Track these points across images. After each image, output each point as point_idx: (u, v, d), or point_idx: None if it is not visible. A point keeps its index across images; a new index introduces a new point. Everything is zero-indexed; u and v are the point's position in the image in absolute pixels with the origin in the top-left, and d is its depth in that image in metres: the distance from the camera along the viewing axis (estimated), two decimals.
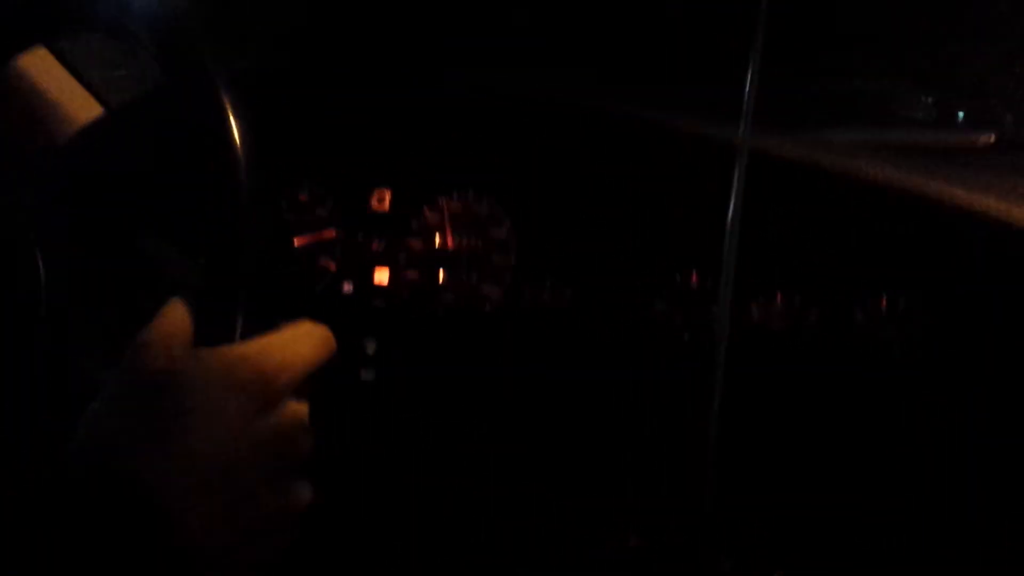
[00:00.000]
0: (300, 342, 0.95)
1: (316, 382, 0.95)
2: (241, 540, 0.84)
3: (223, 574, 0.82)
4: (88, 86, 1.65)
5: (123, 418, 0.84)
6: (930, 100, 1.83)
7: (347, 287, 1.80)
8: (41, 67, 1.59)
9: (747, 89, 1.33)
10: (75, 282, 1.34)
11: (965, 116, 1.87)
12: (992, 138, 1.73)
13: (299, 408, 0.93)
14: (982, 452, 1.45)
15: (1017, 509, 1.39)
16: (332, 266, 1.81)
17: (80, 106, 1.59)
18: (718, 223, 1.58)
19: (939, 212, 1.52)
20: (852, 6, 1.86)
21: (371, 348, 1.72)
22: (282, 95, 1.86)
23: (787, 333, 1.56)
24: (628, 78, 1.89)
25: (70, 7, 1.27)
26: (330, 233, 1.81)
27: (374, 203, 1.83)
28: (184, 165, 1.44)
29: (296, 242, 1.82)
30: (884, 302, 1.53)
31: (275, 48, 2.10)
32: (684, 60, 1.84)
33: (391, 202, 1.82)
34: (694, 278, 1.64)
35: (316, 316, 1.38)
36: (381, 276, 1.79)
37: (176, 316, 0.93)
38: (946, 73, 1.85)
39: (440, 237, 1.78)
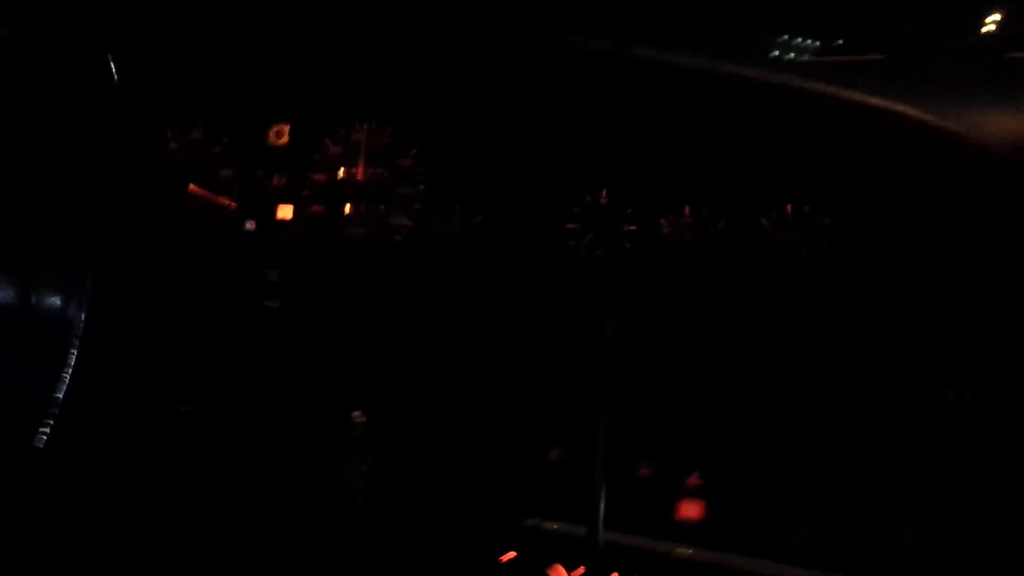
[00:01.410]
0: None
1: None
2: None
3: None
4: None
5: None
6: None
7: (249, 224, 1.73)
8: None
9: None
10: None
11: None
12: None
13: None
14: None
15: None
16: (232, 204, 1.74)
17: None
18: (626, 141, 1.59)
19: (836, 117, 1.55)
20: None
21: (274, 276, 1.66)
22: (177, 30, 1.78)
23: (696, 244, 1.57)
24: None
25: None
26: (227, 202, 1.74)
27: (272, 138, 1.76)
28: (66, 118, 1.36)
29: (191, 189, 1.74)
30: (789, 209, 1.55)
31: None
32: None
33: (290, 136, 1.76)
34: (603, 195, 1.63)
35: (219, 255, 1.33)
36: (284, 212, 1.73)
37: None
38: None
39: (344, 169, 1.72)
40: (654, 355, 1.57)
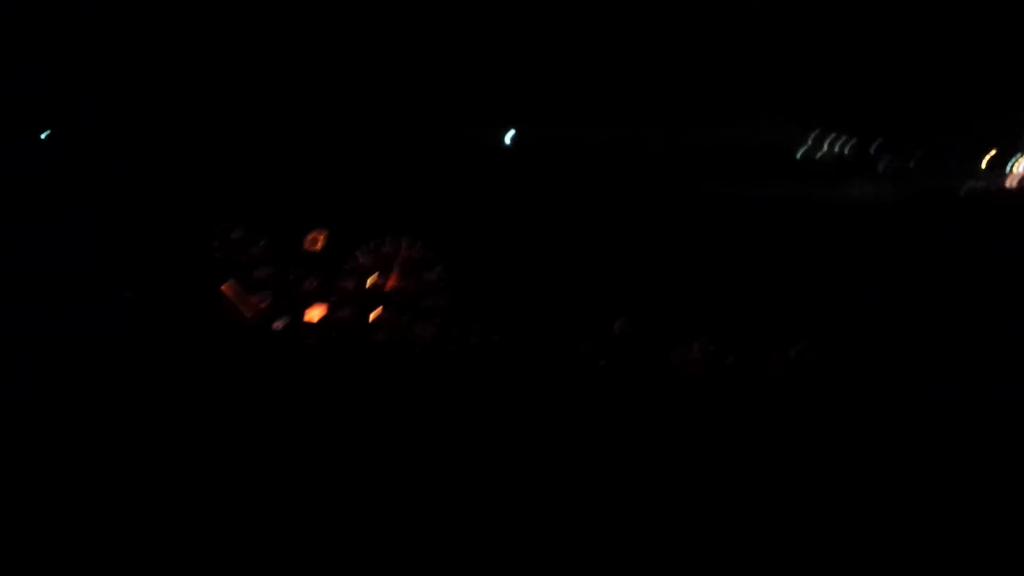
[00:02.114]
0: None
1: None
2: None
3: None
4: None
5: None
6: None
7: (278, 324, 1.82)
8: None
9: None
10: None
11: None
12: None
13: None
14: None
15: None
16: (262, 304, 1.83)
17: None
18: (643, 271, 1.69)
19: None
20: None
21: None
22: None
23: (704, 377, 1.66)
24: None
25: None
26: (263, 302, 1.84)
27: (308, 244, 1.86)
28: None
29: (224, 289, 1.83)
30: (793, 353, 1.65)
31: None
32: None
33: (324, 243, 1.86)
34: (617, 325, 1.72)
35: (247, 352, 1.40)
36: (312, 314, 1.81)
37: None
38: None
39: (373, 278, 1.82)
40: None
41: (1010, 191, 1.90)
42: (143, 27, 1.85)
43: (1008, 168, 1.97)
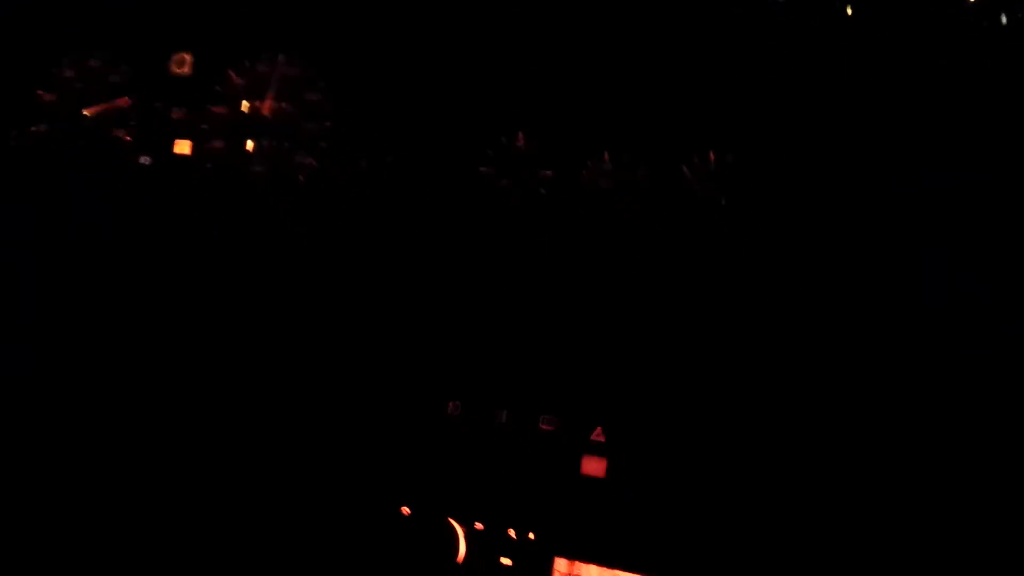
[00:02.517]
0: None
1: None
2: None
3: None
4: None
5: None
6: None
7: (144, 159, 1.63)
8: None
9: None
10: None
11: None
12: None
13: None
14: None
15: None
16: (127, 136, 1.64)
17: None
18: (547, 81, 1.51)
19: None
20: None
21: None
22: None
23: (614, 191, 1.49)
24: None
25: None
26: (123, 101, 1.63)
27: (173, 67, 1.66)
28: None
29: (87, 111, 1.64)
30: (712, 157, 1.48)
31: None
32: None
33: (192, 66, 1.65)
34: (520, 139, 1.54)
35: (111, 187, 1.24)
36: (182, 147, 1.62)
37: None
38: None
39: (248, 103, 1.62)
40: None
41: None
42: None
43: None
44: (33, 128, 1.63)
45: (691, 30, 1.54)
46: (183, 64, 1.64)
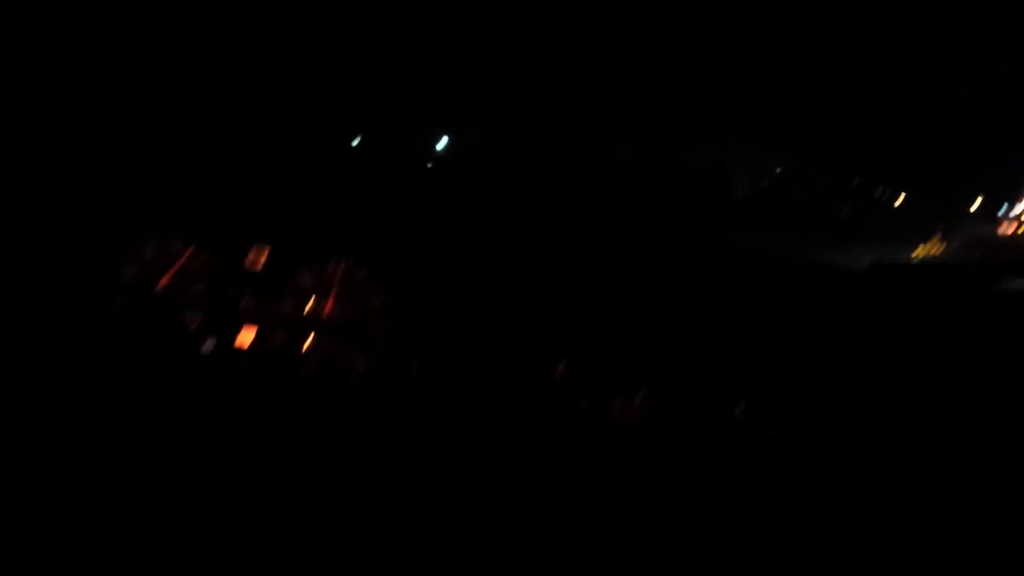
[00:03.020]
0: None
1: None
2: None
3: None
4: None
5: None
6: None
7: (207, 346, 1.73)
8: None
9: None
10: None
11: None
12: None
13: None
14: None
15: None
16: (196, 321, 1.74)
17: None
18: (587, 316, 1.61)
19: None
20: None
21: None
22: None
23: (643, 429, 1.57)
24: None
25: None
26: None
27: (249, 261, 1.78)
28: None
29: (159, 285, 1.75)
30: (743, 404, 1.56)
31: None
32: None
33: (267, 261, 1.78)
34: (560, 368, 1.64)
35: (176, 371, 1.31)
36: (246, 337, 1.73)
37: None
38: None
39: (312, 302, 1.73)
40: None
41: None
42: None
43: (1001, 213, 1.88)
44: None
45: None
46: (257, 260, 1.77)
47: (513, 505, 1.54)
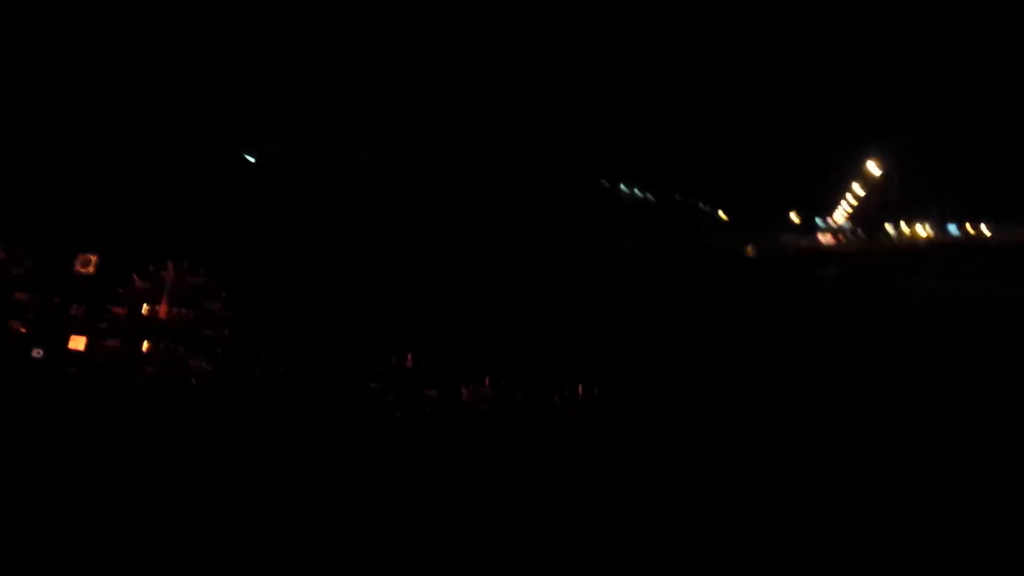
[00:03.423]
0: None
1: None
2: None
3: None
4: None
5: None
6: None
7: (36, 352, 1.66)
8: None
9: None
10: None
11: None
12: None
13: None
14: None
15: None
16: (22, 328, 1.67)
17: None
18: (436, 305, 1.64)
19: None
20: None
21: None
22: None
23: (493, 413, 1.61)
24: None
25: None
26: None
27: (78, 266, 1.72)
28: None
29: None
30: (580, 390, 1.63)
31: None
32: None
33: (97, 266, 1.72)
34: (408, 359, 1.66)
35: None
36: (77, 342, 1.67)
37: None
38: None
39: (148, 306, 1.69)
40: None
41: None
42: None
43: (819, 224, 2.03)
44: None
45: None
46: (88, 264, 1.71)
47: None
